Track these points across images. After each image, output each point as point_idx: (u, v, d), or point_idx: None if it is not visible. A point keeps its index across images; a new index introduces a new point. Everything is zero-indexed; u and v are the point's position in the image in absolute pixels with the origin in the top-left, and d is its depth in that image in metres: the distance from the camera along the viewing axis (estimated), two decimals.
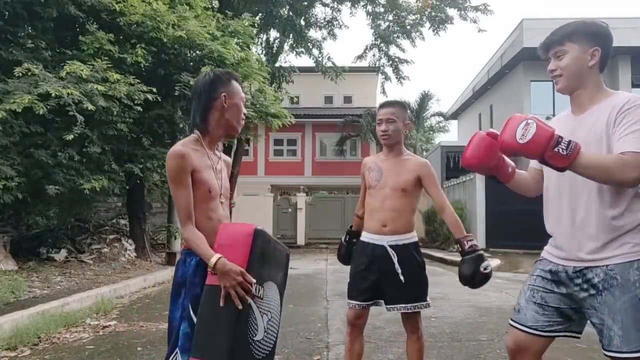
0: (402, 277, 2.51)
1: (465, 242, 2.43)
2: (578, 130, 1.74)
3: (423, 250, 2.69)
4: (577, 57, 1.72)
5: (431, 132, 33.98)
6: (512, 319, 1.88)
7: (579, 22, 1.76)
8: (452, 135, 37.97)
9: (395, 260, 2.52)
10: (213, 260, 1.66)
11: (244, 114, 1.98)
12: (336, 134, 20.73)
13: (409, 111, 2.72)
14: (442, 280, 8.10)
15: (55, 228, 8.96)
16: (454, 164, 18.00)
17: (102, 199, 10.30)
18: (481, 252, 2.41)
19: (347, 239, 2.92)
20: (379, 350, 3.89)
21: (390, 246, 2.55)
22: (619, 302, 1.60)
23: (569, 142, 1.56)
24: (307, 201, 19.26)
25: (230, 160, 2.17)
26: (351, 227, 2.92)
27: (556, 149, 1.55)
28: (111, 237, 9.40)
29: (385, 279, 2.55)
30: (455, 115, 26.85)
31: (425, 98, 21.17)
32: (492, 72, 20.00)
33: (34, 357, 3.72)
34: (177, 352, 1.76)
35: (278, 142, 22.04)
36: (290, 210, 19.01)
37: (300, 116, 18.44)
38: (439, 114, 23.79)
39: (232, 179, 15.72)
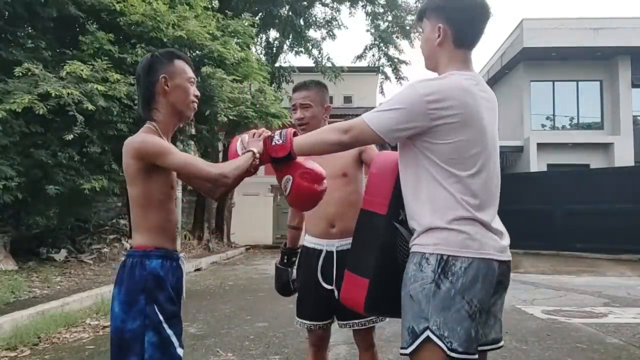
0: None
1: None
2: None
3: None
4: (427, 35, 1.63)
5: None
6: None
7: None
8: None
9: (334, 269, 2.15)
10: (251, 151, 1.66)
11: (195, 96, 1.76)
12: None
13: (327, 92, 2.33)
14: None
15: (55, 228, 8.95)
16: None
17: (102, 199, 10.29)
18: None
19: (284, 261, 2.40)
20: (378, 350, 3.87)
21: (340, 252, 2.16)
22: (402, 296, 1.55)
23: (281, 131, 1.68)
24: None
25: None
26: (285, 244, 2.42)
27: (273, 143, 1.66)
28: (111, 237, 9.41)
29: (329, 291, 2.18)
30: None
31: None
32: (492, 72, 20.01)
33: (34, 357, 3.72)
34: None
35: None
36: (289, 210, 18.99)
37: None
38: None
39: None
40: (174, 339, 1.62)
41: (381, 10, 16.68)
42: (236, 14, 11.48)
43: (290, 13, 15.23)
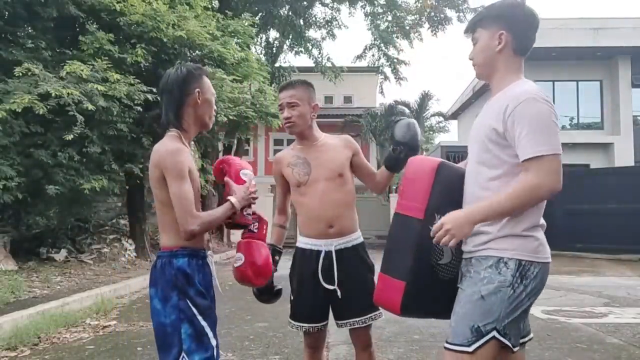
0: (352, 287, 2.17)
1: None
2: (480, 118, 1.73)
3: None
4: (485, 43, 1.67)
5: (431, 132, 33.97)
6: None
7: (489, 5, 1.71)
8: (452, 135, 37.99)
9: (335, 268, 2.17)
10: (232, 201, 1.81)
11: (215, 110, 1.94)
12: (336, 134, 20.72)
13: (314, 90, 2.32)
14: None
15: (55, 228, 8.95)
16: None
17: (102, 199, 10.29)
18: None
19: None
20: (378, 350, 3.88)
21: (338, 251, 2.18)
22: (463, 293, 1.61)
23: (259, 219, 2.04)
24: None
25: None
26: (271, 245, 2.30)
27: (246, 213, 1.95)
28: (111, 237, 9.40)
29: (331, 291, 2.18)
30: (455, 115, 26.82)
31: (425, 98, 21.16)
32: None
33: (34, 357, 3.72)
34: (183, 357, 1.71)
35: (278, 142, 22.02)
36: (290, 210, 18.99)
37: None
38: (439, 114, 23.80)
39: None
40: (207, 330, 1.75)
41: (380, 10, 16.68)
42: (236, 14, 11.48)
43: (290, 13, 15.23)
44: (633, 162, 16.21)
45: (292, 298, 2.31)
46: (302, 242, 2.28)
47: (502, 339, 1.52)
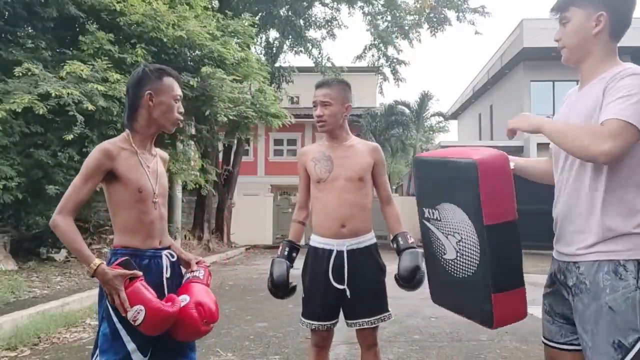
0: (362, 288, 2.19)
1: (407, 237, 2.19)
2: (577, 104, 1.57)
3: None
4: (580, 24, 1.51)
5: (431, 132, 33.96)
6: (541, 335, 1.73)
7: None
8: (452, 135, 37.98)
9: (345, 268, 2.18)
10: (93, 265, 1.65)
11: (180, 113, 1.86)
12: None
13: (350, 91, 2.32)
14: None
15: None
16: None
17: (102, 199, 10.24)
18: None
19: (286, 252, 2.30)
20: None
21: (350, 251, 2.19)
22: (588, 310, 1.45)
23: (140, 309, 1.64)
24: None
25: (166, 156, 2.06)
26: (290, 241, 2.36)
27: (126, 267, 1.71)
28: (111, 237, 9.38)
29: (340, 291, 2.20)
30: (455, 115, 26.85)
31: (425, 98, 21.19)
32: (492, 72, 20.01)
33: (34, 357, 3.72)
34: (97, 355, 1.71)
35: (278, 142, 22.05)
36: (290, 210, 18.99)
37: (300, 116, 18.45)
38: (439, 114, 23.85)
39: (232, 179, 15.74)
40: (122, 333, 1.69)
41: (380, 9, 16.68)
42: (236, 14, 11.48)
43: (290, 13, 15.24)
44: None
45: (303, 296, 2.31)
46: (315, 240, 2.30)
47: None
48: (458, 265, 1.62)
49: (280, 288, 2.24)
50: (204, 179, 10.35)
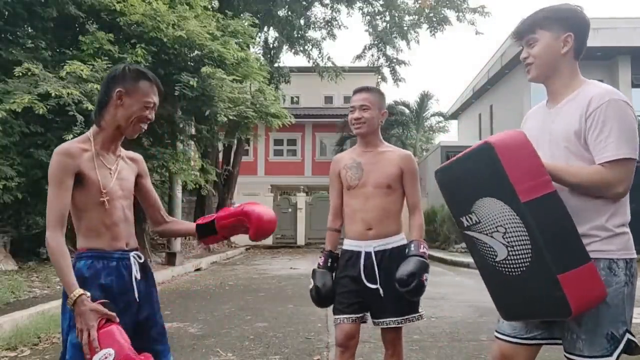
0: (391, 288, 2.22)
1: (419, 245, 2.23)
2: (555, 122, 1.66)
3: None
4: (549, 44, 1.64)
5: (431, 132, 33.95)
6: (495, 330, 1.81)
7: (551, 8, 1.68)
8: (452, 135, 37.94)
9: (376, 268, 2.25)
10: (74, 294, 1.54)
11: (147, 119, 1.75)
12: (336, 134, 20.72)
13: (385, 99, 2.43)
14: (442, 280, 8.11)
15: None
16: None
17: None
18: (428, 262, 2.21)
19: (328, 263, 2.37)
20: (379, 350, 3.88)
21: (378, 252, 2.26)
22: None
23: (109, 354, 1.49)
24: (307, 201, 19.28)
25: (138, 156, 1.96)
26: (330, 251, 2.41)
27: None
28: None
29: (373, 290, 2.25)
30: (455, 115, 26.83)
31: (425, 98, 21.19)
32: (492, 72, 19.99)
33: (34, 357, 3.72)
34: None
35: (278, 142, 22.05)
36: (290, 210, 19.02)
37: (300, 116, 18.47)
38: (439, 114, 23.82)
39: (232, 179, 15.74)
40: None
41: (380, 9, 16.68)
42: (236, 14, 11.48)
43: (289, 13, 15.24)
44: None
45: (336, 296, 2.35)
46: (346, 244, 2.38)
47: (632, 338, 1.52)
48: (513, 261, 1.52)
49: (325, 299, 2.33)
50: (204, 179, 10.36)
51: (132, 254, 1.78)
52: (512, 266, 1.53)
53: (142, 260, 1.82)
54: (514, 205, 1.46)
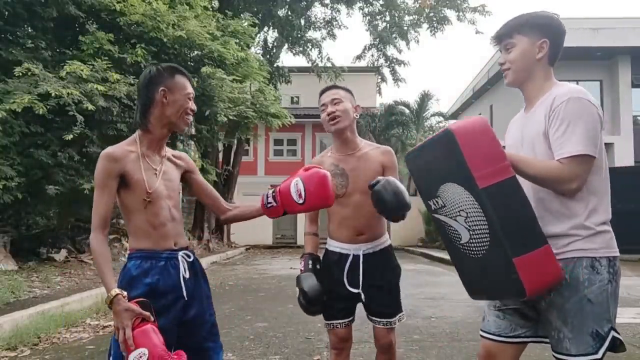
0: (378, 289, 2.23)
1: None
2: (527, 126, 1.69)
3: (423, 250, 2.33)
4: (525, 49, 1.68)
5: (431, 132, 33.95)
6: (480, 328, 1.82)
7: (529, 14, 1.71)
8: None
9: (360, 272, 2.21)
10: (112, 293, 1.58)
11: (191, 110, 1.82)
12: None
13: (354, 97, 2.33)
14: (442, 280, 8.10)
15: (55, 228, 8.95)
16: None
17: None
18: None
19: (310, 265, 2.25)
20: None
21: (366, 255, 2.23)
22: (568, 303, 1.55)
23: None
24: None
25: (183, 154, 2.00)
26: (310, 253, 2.31)
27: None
28: (111, 237, 9.40)
29: (354, 294, 2.24)
30: (455, 115, 26.85)
31: (425, 98, 21.19)
32: (492, 72, 20.00)
33: (34, 357, 3.72)
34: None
35: (278, 142, 22.05)
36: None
37: (300, 116, 18.46)
38: (439, 114, 23.83)
39: (232, 179, 15.74)
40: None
41: (380, 9, 16.69)
42: (236, 14, 11.49)
43: (289, 13, 15.25)
44: (633, 162, 16.21)
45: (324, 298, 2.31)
46: (332, 245, 2.32)
47: (617, 335, 1.54)
48: (474, 244, 1.56)
49: (315, 303, 2.18)
50: (205, 180, 10.36)
51: (180, 253, 1.81)
52: (474, 249, 1.58)
53: (191, 259, 1.85)
54: (473, 191, 1.50)
